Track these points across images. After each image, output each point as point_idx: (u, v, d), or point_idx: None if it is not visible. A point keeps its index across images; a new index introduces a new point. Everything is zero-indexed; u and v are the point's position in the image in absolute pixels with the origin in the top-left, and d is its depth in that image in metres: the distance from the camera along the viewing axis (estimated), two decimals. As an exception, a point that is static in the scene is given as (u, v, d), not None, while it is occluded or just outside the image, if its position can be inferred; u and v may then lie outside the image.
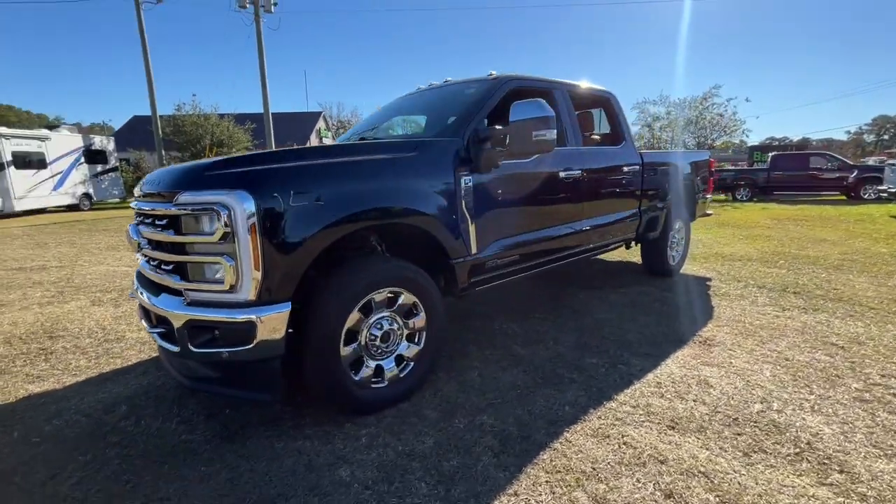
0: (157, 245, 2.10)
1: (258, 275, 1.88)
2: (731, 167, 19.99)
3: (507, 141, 2.61)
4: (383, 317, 2.32)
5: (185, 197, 1.91)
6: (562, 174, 3.26)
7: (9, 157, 13.15)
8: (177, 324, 1.97)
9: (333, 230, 2.03)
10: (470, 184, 2.60)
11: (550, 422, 2.21)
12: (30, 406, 2.53)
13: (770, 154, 17.56)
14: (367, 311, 2.25)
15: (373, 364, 2.32)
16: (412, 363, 2.47)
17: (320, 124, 33.95)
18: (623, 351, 3.06)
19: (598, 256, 6.03)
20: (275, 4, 16.71)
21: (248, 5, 16.26)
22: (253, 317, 1.88)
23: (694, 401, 2.39)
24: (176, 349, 2.00)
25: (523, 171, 2.99)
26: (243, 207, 1.82)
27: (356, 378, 2.24)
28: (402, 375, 2.42)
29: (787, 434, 2.08)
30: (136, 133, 27.70)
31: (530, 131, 2.54)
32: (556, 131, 2.61)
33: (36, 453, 2.09)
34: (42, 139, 14.17)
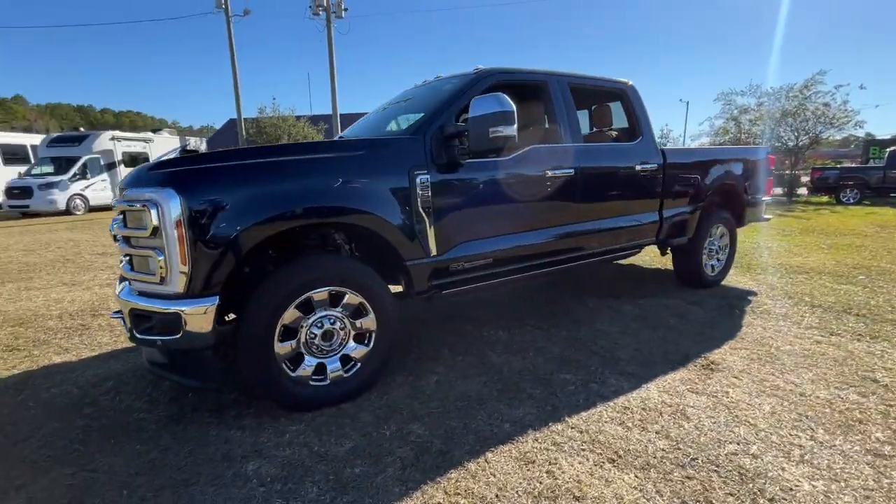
0: (117, 237, 2.29)
1: (185, 269, 1.97)
2: (840, 165, 17.38)
3: (467, 138, 2.48)
4: (325, 315, 2.33)
5: (128, 193, 2.06)
6: (550, 173, 3.03)
7: (119, 157, 15.29)
8: (125, 311, 2.14)
9: (261, 228, 2.07)
10: (427, 183, 2.51)
11: (481, 439, 2.07)
12: (44, 374, 2.90)
13: (889, 150, 14.95)
14: (306, 309, 2.27)
15: (314, 362, 2.33)
16: (359, 364, 2.45)
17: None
18: (606, 368, 2.78)
19: (628, 261, 5.59)
20: (345, 10, 17.56)
21: (320, 12, 17.25)
22: (180, 308, 1.98)
23: (656, 433, 2.10)
24: (128, 334, 2.18)
25: (499, 170, 2.83)
26: (169, 205, 1.92)
27: (293, 374, 2.27)
28: (346, 376, 2.41)
29: (751, 485, 1.75)
30: (229, 135, 30.66)
31: (487, 128, 2.39)
32: (515, 127, 2.43)
33: (26, 416, 2.39)
34: (146, 141, 16.28)
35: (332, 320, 2.34)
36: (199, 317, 2.00)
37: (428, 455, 1.96)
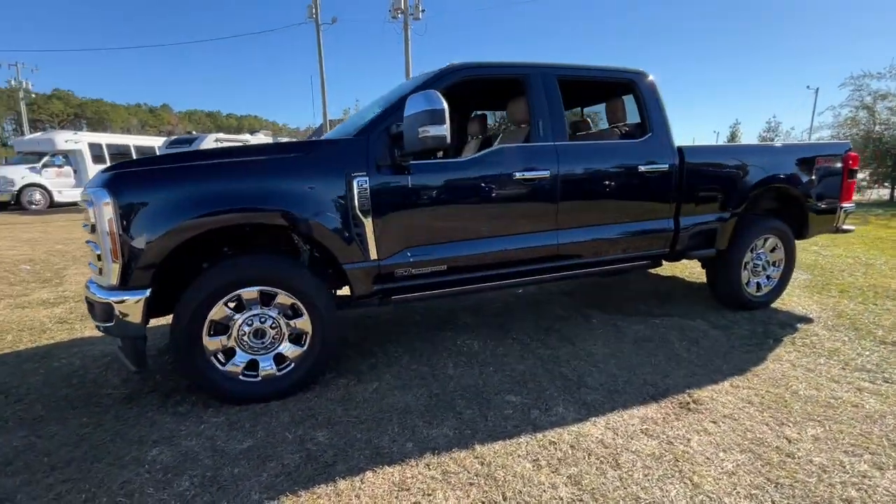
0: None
1: (117, 263, 2.15)
2: None
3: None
4: (258, 314, 2.39)
5: (85, 192, 2.29)
6: (518, 175, 2.78)
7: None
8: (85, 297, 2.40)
9: (184, 228, 2.17)
10: (365, 186, 2.45)
11: (375, 455, 1.97)
12: (67, 346, 3.36)
13: None
14: (238, 306, 2.36)
15: (246, 358, 2.41)
16: (293, 364, 2.48)
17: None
18: (563, 394, 2.50)
19: (669, 272, 4.96)
20: (423, 11, 17.93)
21: (398, 16, 17.81)
22: (111, 299, 2.17)
23: (568, 477, 1.83)
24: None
25: (454, 173, 2.66)
26: (101, 203, 2.11)
27: (222, 368, 2.36)
28: (279, 374, 2.45)
29: (640, 559, 1.44)
30: (321, 134, 33.15)
31: (417, 127, 2.26)
32: (445, 126, 2.26)
33: (31, 381, 2.79)
34: (244, 142, 18.23)
35: (263, 319, 2.40)
36: (129, 307, 2.17)
37: (312, 465, 1.91)
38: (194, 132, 22.08)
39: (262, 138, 19.54)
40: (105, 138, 16.62)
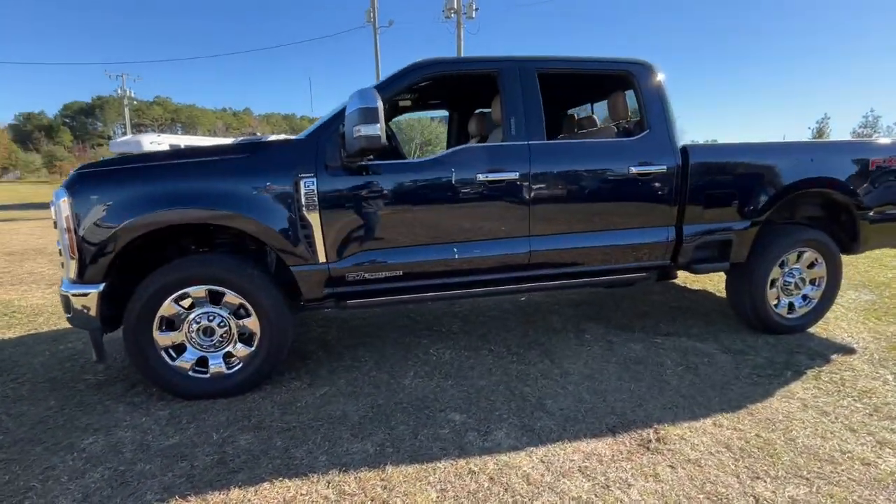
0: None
1: (74, 258, 2.27)
2: None
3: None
4: (207, 312, 2.43)
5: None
6: (482, 177, 2.58)
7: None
8: (62, 290, 2.58)
9: (132, 227, 2.25)
10: (312, 187, 2.39)
11: (282, 465, 1.91)
12: (78, 331, 3.67)
13: None
14: (190, 303, 2.41)
15: (196, 355, 2.46)
16: (241, 363, 2.49)
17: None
18: (513, 416, 2.29)
19: (700, 285, 4.45)
20: (476, 10, 17.73)
21: (452, 15, 17.77)
22: (69, 291, 2.30)
23: (470, 513, 1.65)
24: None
25: (410, 174, 2.53)
26: (60, 202, 2.24)
27: (171, 363, 2.43)
28: (227, 373, 2.48)
29: None
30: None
31: (352, 127, 2.16)
32: (378, 125, 2.13)
33: (33, 362, 3.06)
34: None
35: (212, 317, 2.43)
36: (83, 300, 2.29)
37: (218, 470, 1.89)
38: (259, 133, 23.61)
39: None
40: (184, 140, 18.29)
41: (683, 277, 4.66)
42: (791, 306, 3.30)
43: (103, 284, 2.31)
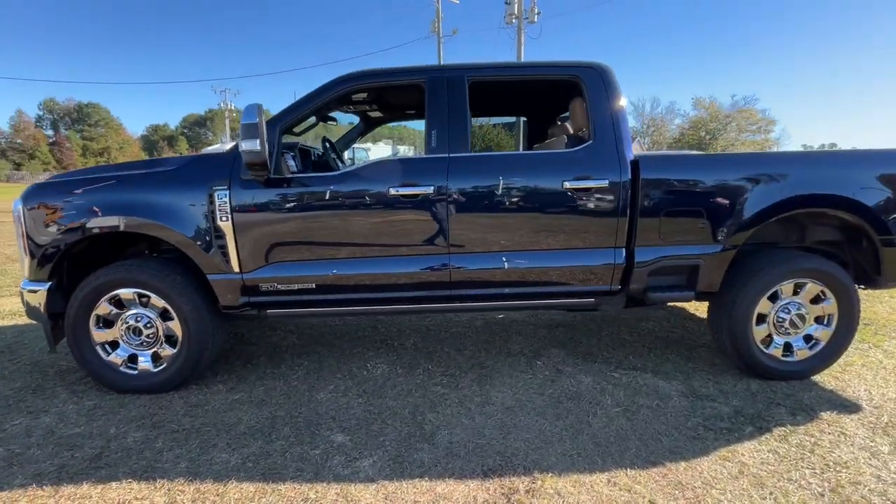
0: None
1: (27, 259, 2.59)
2: None
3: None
4: (137, 313, 2.62)
5: None
6: (394, 191, 2.49)
7: (350, 156, 19.46)
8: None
9: (68, 234, 2.50)
10: (225, 199, 2.48)
11: (143, 468, 2.00)
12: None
13: None
14: (119, 304, 2.62)
15: (128, 352, 2.66)
16: (165, 363, 2.65)
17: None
18: (394, 444, 2.17)
19: (693, 311, 3.91)
20: (538, 14, 17.30)
21: (513, 21, 17.52)
22: (24, 289, 2.62)
23: (272, 544, 1.58)
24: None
25: (319, 188, 2.52)
26: (16, 209, 2.56)
27: (104, 358, 2.65)
28: (153, 371, 2.66)
29: None
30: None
31: (240, 141, 2.20)
32: (258, 140, 2.15)
33: (35, 347, 3.52)
34: (367, 150, 20.09)
35: (139, 318, 2.62)
36: (34, 296, 2.59)
37: (91, 463, 2.03)
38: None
39: (382, 147, 21.28)
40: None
41: (694, 305, 4.12)
42: (787, 348, 2.76)
43: (50, 283, 2.59)
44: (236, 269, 2.57)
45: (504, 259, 2.60)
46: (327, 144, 3.26)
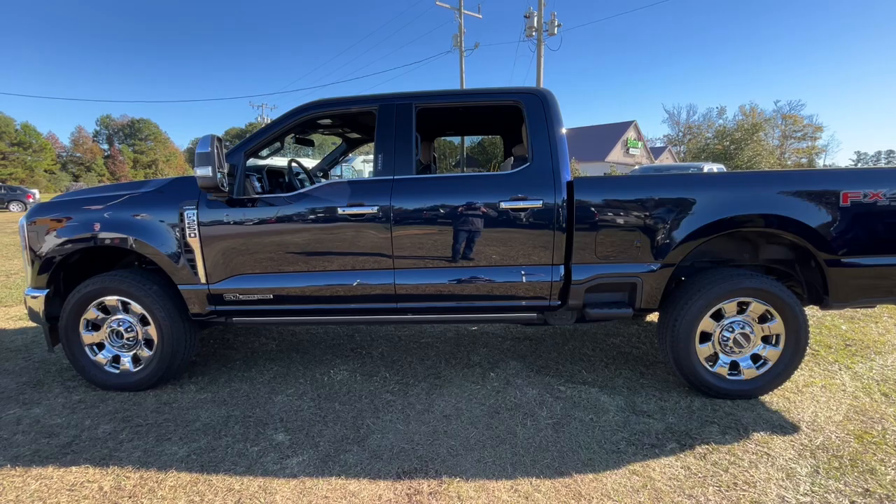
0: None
1: (29, 268, 2.96)
2: None
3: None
4: (121, 318, 2.94)
5: None
6: (342, 210, 2.70)
7: (339, 173, 20.01)
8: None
9: (62, 247, 2.85)
10: (193, 217, 2.76)
11: (103, 455, 2.26)
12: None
13: None
14: (105, 310, 2.95)
15: (112, 353, 2.98)
16: (142, 364, 2.95)
17: (629, 134, 32.03)
18: (328, 445, 2.35)
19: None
20: (558, 26, 17.34)
21: (534, 34, 17.64)
22: (26, 295, 2.98)
23: (188, 526, 1.78)
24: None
25: (276, 208, 2.76)
26: (21, 225, 2.94)
27: (92, 358, 2.97)
28: (133, 370, 2.96)
29: None
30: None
31: (195, 168, 2.47)
32: (210, 169, 2.41)
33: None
34: (350, 166, 20.70)
35: (120, 323, 2.93)
36: (34, 301, 2.95)
37: (62, 450, 2.32)
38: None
39: (359, 163, 21.69)
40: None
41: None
42: (735, 366, 2.76)
43: (48, 290, 2.95)
44: (203, 280, 2.84)
45: (446, 274, 2.75)
46: (293, 165, 3.52)
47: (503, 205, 2.66)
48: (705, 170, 12.39)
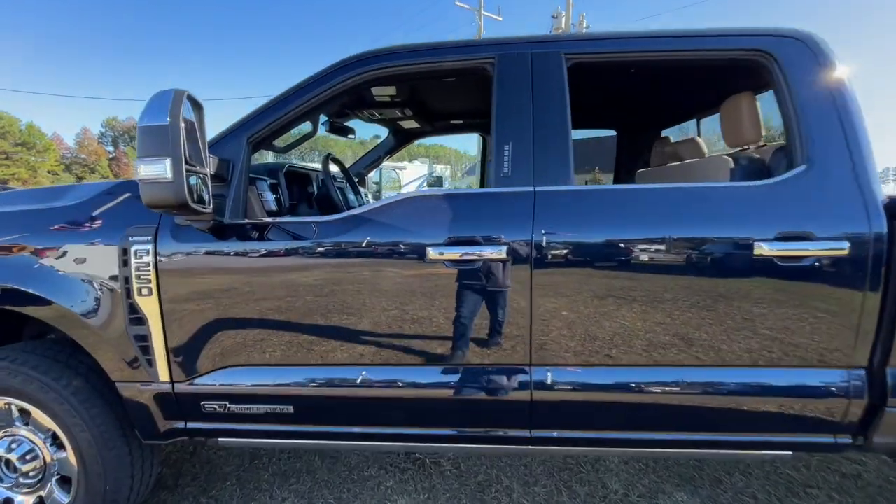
0: None
1: None
2: None
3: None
4: (12, 436, 1.61)
5: None
6: (434, 252, 1.38)
7: (377, 179, 18.70)
8: None
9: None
10: (147, 252, 1.44)
11: None
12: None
13: None
14: None
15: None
16: None
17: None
18: None
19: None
20: (587, 28, 16.14)
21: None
22: None
23: None
24: None
25: (306, 241, 1.45)
26: None
27: None
28: None
29: None
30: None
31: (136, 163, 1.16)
32: (171, 163, 1.10)
33: None
34: (400, 169, 19.23)
35: (13, 443, 1.60)
36: None
37: None
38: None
39: (417, 166, 20.48)
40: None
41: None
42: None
43: None
44: (163, 375, 1.51)
45: (634, 376, 1.41)
46: (333, 167, 2.21)
47: (765, 247, 1.32)
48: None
